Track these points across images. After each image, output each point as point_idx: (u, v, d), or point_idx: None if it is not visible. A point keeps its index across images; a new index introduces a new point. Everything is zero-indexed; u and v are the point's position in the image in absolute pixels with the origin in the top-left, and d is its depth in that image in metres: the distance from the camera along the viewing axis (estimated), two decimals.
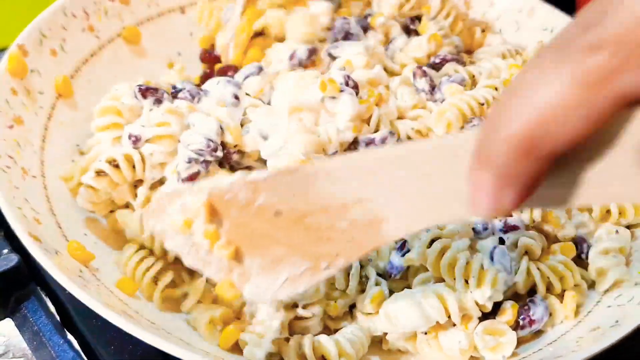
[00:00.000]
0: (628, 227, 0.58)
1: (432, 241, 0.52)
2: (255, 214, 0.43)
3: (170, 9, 0.75)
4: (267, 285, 0.45)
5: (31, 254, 0.45)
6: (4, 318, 0.50)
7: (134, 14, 0.71)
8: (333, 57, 0.65)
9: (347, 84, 0.58)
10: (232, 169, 0.58)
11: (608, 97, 0.26)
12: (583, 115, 0.27)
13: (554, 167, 0.29)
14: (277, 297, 0.45)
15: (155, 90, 0.58)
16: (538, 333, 0.52)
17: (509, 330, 0.50)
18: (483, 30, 0.74)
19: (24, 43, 0.60)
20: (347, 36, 0.67)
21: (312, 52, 0.64)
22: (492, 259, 0.51)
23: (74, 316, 0.50)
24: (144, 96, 0.58)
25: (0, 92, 0.56)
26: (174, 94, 0.60)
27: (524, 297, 0.53)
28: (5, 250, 0.52)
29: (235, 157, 0.57)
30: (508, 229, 0.54)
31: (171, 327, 0.49)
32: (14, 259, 0.49)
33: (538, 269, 0.53)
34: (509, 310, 0.51)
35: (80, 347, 0.49)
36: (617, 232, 0.56)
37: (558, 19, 0.65)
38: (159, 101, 0.58)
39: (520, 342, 0.51)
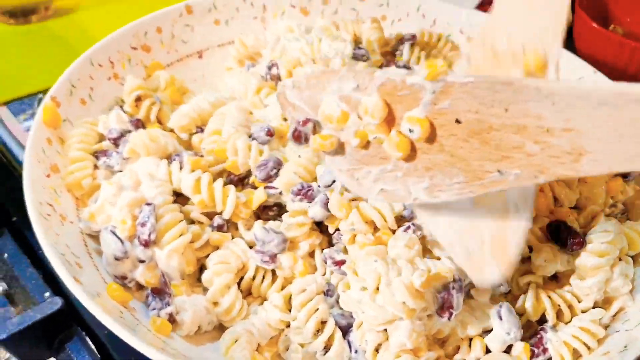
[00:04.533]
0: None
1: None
2: (430, 115, 0.43)
3: (188, 54, 0.79)
4: (407, 188, 0.45)
5: (74, 297, 0.48)
6: (50, 358, 0.53)
7: (155, 61, 0.75)
8: None
9: None
10: None
11: None
12: None
13: None
14: (412, 200, 0.46)
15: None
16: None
17: None
18: None
19: (56, 95, 0.64)
20: None
21: None
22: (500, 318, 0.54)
23: (113, 354, 0.53)
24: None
25: (37, 143, 0.59)
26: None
27: (534, 324, 0.56)
28: (47, 294, 0.55)
29: None
30: None
31: None
32: (58, 302, 0.52)
33: (548, 296, 0.56)
34: (522, 354, 0.53)
35: None
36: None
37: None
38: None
39: None
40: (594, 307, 0.56)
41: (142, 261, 0.55)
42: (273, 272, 0.59)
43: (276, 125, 0.65)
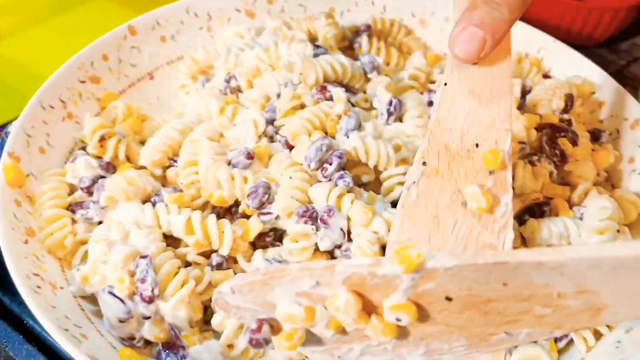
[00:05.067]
0: None
1: None
2: (413, 297, 0.39)
3: (139, 77, 0.74)
4: (401, 356, 0.42)
5: None
6: None
7: (106, 90, 0.71)
8: None
9: None
10: None
11: None
12: None
13: None
14: None
15: None
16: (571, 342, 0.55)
17: (543, 354, 0.50)
18: None
19: (13, 150, 0.59)
20: None
21: None
22: None
23: None
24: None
25: (6, 208, 0.55)
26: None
27: None
28: None
29: None
30: None
31: None
32: None
33: None
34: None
35: None
36: None
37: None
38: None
39: None
40: None
41: (147, 317, 0.52)
42: None
43: (253, 145, 0.62)
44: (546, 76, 0.74)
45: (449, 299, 0.39)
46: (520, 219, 0.58)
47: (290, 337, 0.44)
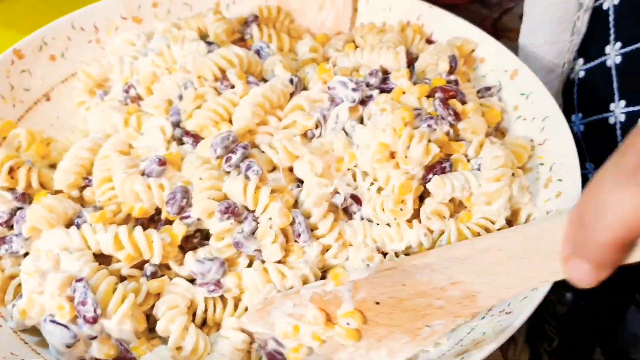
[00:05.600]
0: None
1: None
2: (357, 306, 0.51)
3: (35, 101, 0.74)
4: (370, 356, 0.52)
5: None
6: None
7: (3, 119, 0.70)
8: None
9: None
10: None
11: None
12: None
13: None
14: None
15: None
16: None
17: None
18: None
19: None
20: None
21: None
22: None
23: None
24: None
25: None
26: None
27: None
28: None
29: None
30: None
31: None
32: None
33: (467, 227, 0.62)
34: None
35: None
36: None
37: (535, 85, 0.70)
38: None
39: None
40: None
41: (94, 337, 0.54)
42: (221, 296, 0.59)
43: (164, 152, 0.64)
44: (429, 41, 0.79)
45: (377, 303, 0.51)
46: (425, 178, 0.63)
47: (296, 350, 0.55)
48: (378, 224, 0.62)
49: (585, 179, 0.55)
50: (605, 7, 0.73)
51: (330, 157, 0.65)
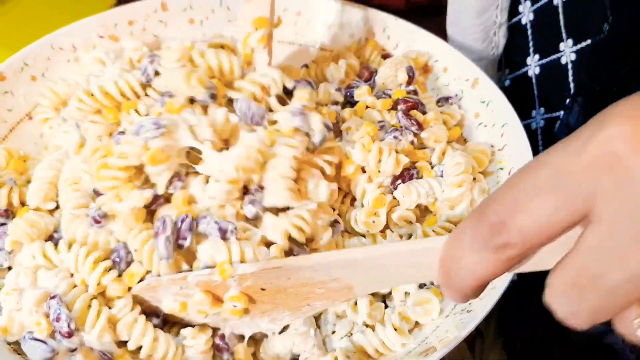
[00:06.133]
0: None
1: None
2: (242, 290, 0.56)
3: (18, 120, 0.76)
4: (256, 324, 0.59)
5: None
6: None
7: None
8: None
9: None
10: None
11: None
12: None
13: None
14: (258, 329, 0.59)
15: None
16: None
17: (433, 297, 0.61)
18: None
19: None
20: None
21: None
22: None
23: None
24: None
25: None
26: None
27: None
28: None
29: None
30: None
31: None
32: None
33: (433, 231, 0.65)
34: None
35: None
36: None
37: (495, 93, 0.73)
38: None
39: None
40: None
41: (74, 349, 0.56)
42: None
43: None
44: (385, 56, 0.82)
45: (263, 289, 0.55)
46: (394, 184, 0.66)
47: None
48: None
49: None
50: (523, 22, 0.79)
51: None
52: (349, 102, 0.74)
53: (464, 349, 0.83)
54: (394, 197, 0.66)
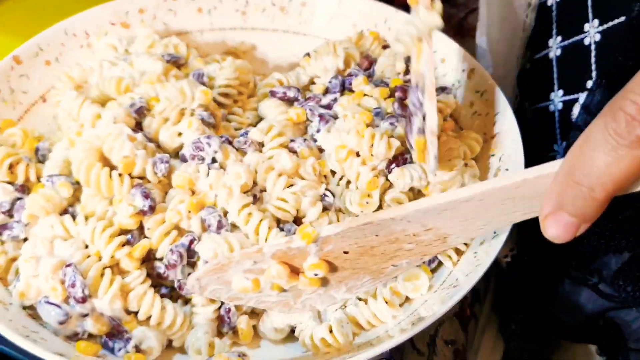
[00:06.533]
0: None
1: None
2: (322, 257, 0.55)
3: (33, 102, 0.80)
4: (331, 297, 0.58)
5: None
6: None
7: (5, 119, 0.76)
8: None
9: None
10: None
11: None
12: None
13: None
14: (332, 302, 0.59)
15: None
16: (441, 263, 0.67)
17: (422, 273, 0.64)
18: None
19: None
20: None
21: None
22: None
23: None
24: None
25: None
26: None
27: None
28: None
29: None
30: None
31: None
32: None
33: None
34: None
35: None
36: None
37: (489, 84, 0.76)
38: None
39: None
40: None
41: (86, 315, 0.60)
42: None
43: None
44: (385, 46, 0.85)
45: (346, 252, 0.54)
46: (388, 168, 0.70)
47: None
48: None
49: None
50: (549, 3, 0.81)
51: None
52: (348, 89, 0.78)
53: (457, 330, 0.87)
54: (387, 180, 0.69)
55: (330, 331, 0.61)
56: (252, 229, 0.63)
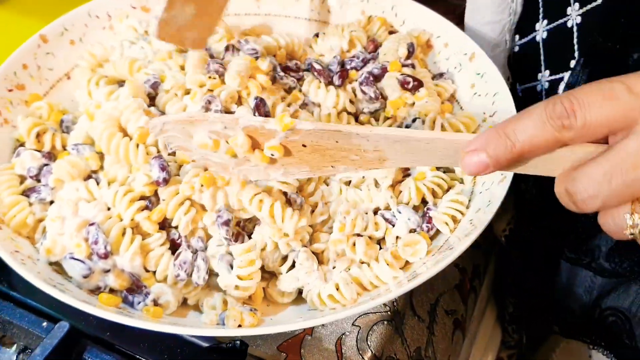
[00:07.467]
0: None
1: None
2: (283, 142, 0.60)
3: (58, 79, 0.85)
4: (267, 174, 0.63)
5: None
6: None
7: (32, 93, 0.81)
8: None
9: None
10: None
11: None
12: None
13: None
14: (266, 178, 0.64)
15: None
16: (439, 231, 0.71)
17: (421, 239, 0.69)
18: None
19: None
20: None
21: None
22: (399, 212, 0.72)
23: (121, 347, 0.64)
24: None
25: None
26: None
27: (420, 206, 0.74)
28: (45, 324, 0.63)
29: None
30: None
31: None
32: (65, 325, 0.62)
33: (424, 184, 0.73)
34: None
35: None
36: None
37: (489, 66, 0.81)
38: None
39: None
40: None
41: (108, 270, 0.65)
42: None
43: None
44: (392, 32, 0.90)
45: (304, 145, 0.60)
46: None
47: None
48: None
49: None
50: None
51: None
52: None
53: (458, 301, 0.91)
54: None
55: (337, 289, 0.65)
56: (267, 214, 0.68)
